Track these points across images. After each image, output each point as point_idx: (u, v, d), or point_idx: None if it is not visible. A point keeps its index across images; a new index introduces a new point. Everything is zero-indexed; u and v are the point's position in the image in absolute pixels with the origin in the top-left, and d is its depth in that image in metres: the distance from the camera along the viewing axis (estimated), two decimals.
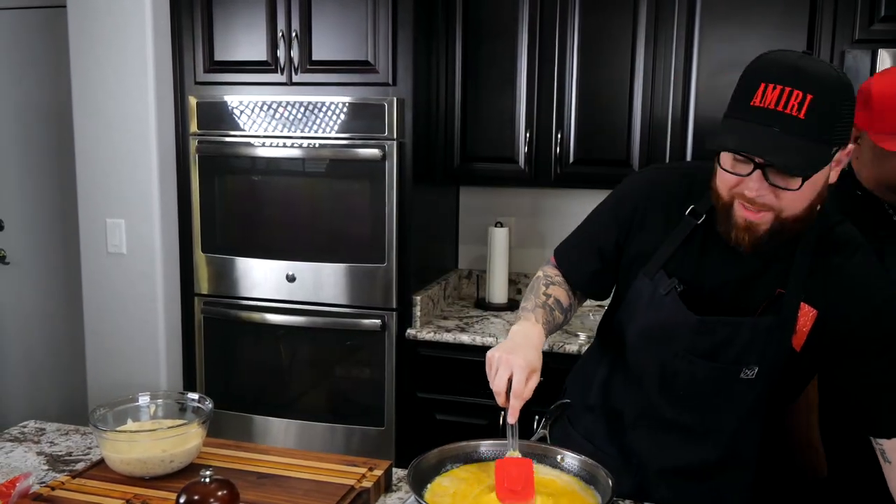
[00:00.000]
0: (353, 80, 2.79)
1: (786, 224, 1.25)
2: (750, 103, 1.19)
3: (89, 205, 3.00)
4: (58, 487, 1.46)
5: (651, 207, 1.46)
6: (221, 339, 3.05)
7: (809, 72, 1.17)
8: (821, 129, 1.17)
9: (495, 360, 1.33)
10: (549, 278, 1.58)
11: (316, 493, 1.43)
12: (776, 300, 1.34)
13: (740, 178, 1.23)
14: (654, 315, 1.42)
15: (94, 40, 2.89)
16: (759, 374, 1.37)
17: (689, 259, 1.41)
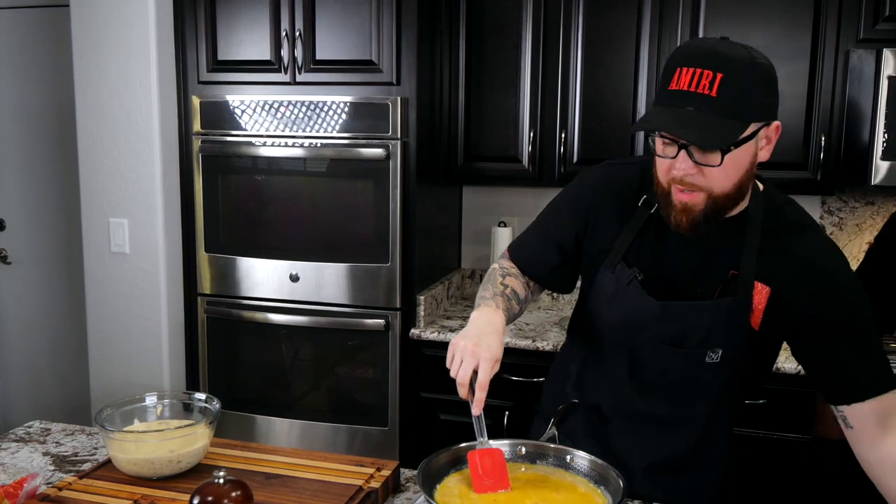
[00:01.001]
0: (356, 79, 2.79)
1: (718, 202, 1.31)
2: (668, 88, 1.27)
3: (92, 204, 2.99)
4: (65, 488, 1.46)
5: (607, 202, 1.52)
6: (224, 339, 3.05)
7: (721, 53, 1.24)
8: (733, 105, 1.23)
9: (459, 349, 1.33)
10: (506, 270, 1.61)
11: (324, 493, 1.43)
12: (731, 282, 1.40)
13: (672, 162, 1.30)
14: (619, 306, 1.47)
15: (97, 39, 2.88)
16: (724, 358, 1.41)
17: (646, 248, 1.46)
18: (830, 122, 2.63)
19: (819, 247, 1.40)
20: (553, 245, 1.59)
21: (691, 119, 1.23)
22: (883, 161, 2.50)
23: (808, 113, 2.65)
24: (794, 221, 1.42)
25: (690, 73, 1.23)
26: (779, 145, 2.66)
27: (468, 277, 3.37)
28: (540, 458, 1.39)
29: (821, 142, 2.64)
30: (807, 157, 2.67)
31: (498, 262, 1.65)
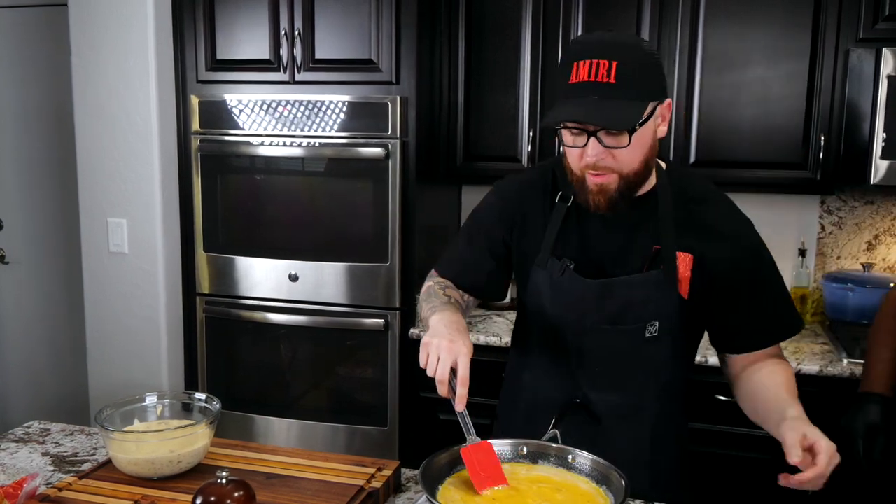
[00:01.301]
0: (355, 78, 2.78)
1: (629, 179, 1.41)
2: (568, 82, 1.35)
3: (91, 204, 2.99)
4: (65, 488, 1.45)
5: (528, 205, 1.59)
6: (223, 339, 3.04)
7: (613, 43, 1.34)
8: (632, 88, 1.32)
9: (434, 347, 1.33)
10: (442, 283, 1.64)
11: (325, 493, 1.42)
12: (655, 256, 1.48)
13: (582, 150, 1.38)
14: (559, 296, 1.54)
15: (96, 39, 2.88)
16: (661, 330, 1.50)
17: (571, 239, 1.54)
18: (830, 121, 2.63)
19: (726, 212, 1.53)
20: (484, 254, 1.64)
21: (597, 106, 1.32)
22: (882, 160, 2.50)
23: (808, 112, 2.65)
24: (701, 192, 1.54)
25: (588, 65, 1.32)
26: (778, 144, 2.69)
27: None
28: (542, 458, 1.39)
29: (820, 141, 2.64)
30: (806, 156, 2.67)
31: (430, 281, 1.66)
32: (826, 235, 3.01)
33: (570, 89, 1.34)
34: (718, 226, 1.50)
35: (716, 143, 2.75)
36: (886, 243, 2.95)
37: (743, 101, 2.70)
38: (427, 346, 1.34)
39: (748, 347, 1.55)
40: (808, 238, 3.01)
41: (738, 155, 2.73)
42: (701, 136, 2.76)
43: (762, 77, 2.68)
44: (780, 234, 3.05)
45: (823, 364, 2.45)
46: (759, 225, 3.02)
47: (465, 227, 1.69)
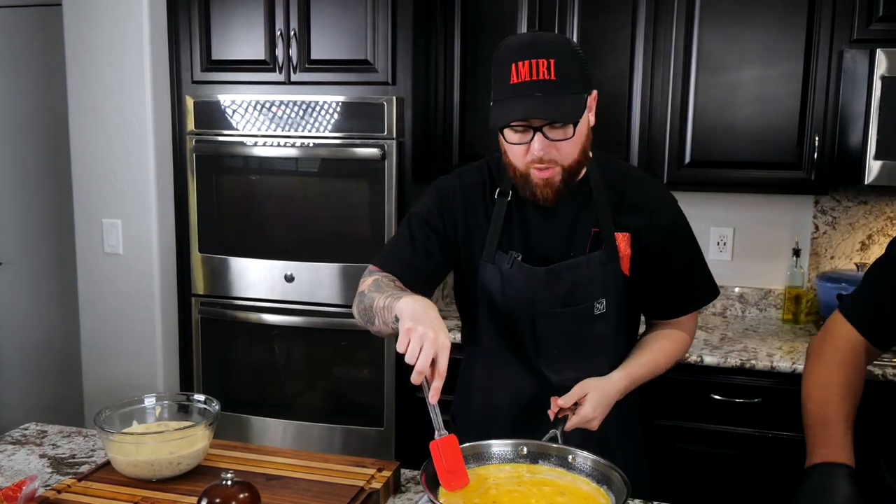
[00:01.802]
0: (351, 79, 2.78)
1: (572, 169, 1.50)
2: (509, 83, 1.41)
3: (85, 205, 2.98)
4: (64, 490, 1.45)
5: (469, 207, 1.64)
6: (219, 340, 3.04)
7: (547, 42, 1.42)
8: (571, 83, 1.41)
9: (418, 335, 1.29)
10: (388, 277, 1.60)
11: (326, 494, 1.42)
12: (596, 238, 1.58)
13: (527, 147, 1.44)
14: (510, 286, 1.59)
15: (91, 39, 2.87)
16: (608, 306, 1.60)
17: (514, 233, 1.60)
18: (824, 121, 2.64)
19: (651, 188, 1.65)
20: (427, 252, 1.64)
21: (545, 103, 1.38)
22: (876, 161, 2.51)
23: (802, 113, 2.66)
24: (625, 172, 1.66)
25: (528, 65, 1.39)
26: (773, 145, 2.71)
27: None
28: (542, 458, 1.39)
29: (814, 141, 2.65)
30: (801, 156, 2.68)
31: (373, 275, 1.61)
32: (820, 235, 3.02)
33: (511, 90, 1.41)
34: (647, 202, 1.61)
35: (711, 144, 2.76)
36: (880, 243, 2.96)
37: (738, 101, 2.72)
38: (411, 332, 1.30)
39: (675, 313, 1.68)
40: (802, 238, 3.02)
41: (733, 155, 2.74)
42: (696, 136, 2.76)
43: (757, 78, 2.69)
44: (774, 233, 3.07)
45: None
46: (753, 224, 3.07)
47: (406, 226, 1.68)
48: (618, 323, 1.64)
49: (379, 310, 1.47)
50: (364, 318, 1.57)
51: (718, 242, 3.09)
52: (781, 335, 2.83)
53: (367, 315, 1.54)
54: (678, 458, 2.58)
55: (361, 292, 1.59)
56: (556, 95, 1.39)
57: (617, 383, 1.53)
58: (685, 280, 1.67)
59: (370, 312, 1.51)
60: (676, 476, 2.56)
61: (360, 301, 1.57)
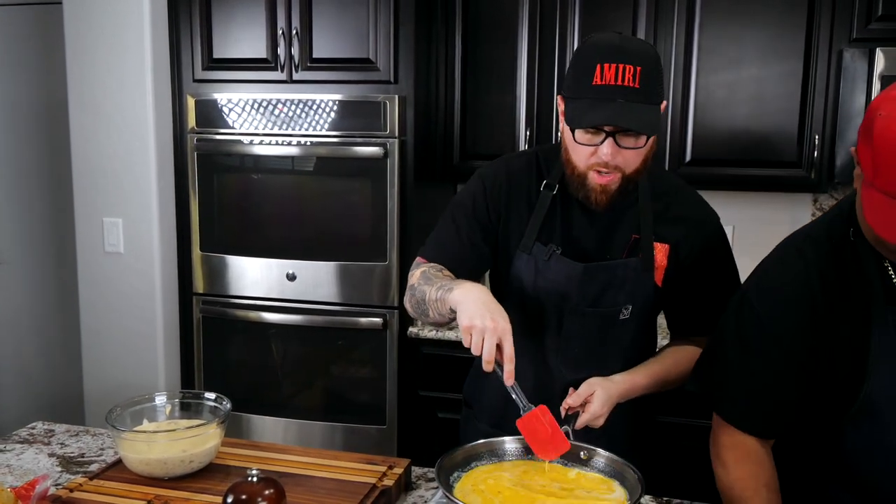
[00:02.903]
0: (353, 77, 2.78)
1: (630, 179, 1.49)
2: (592, 83, 1.39)
3: (86, 203, 2.97)
4: (76, 489, 1.45)
5: (514, 193, 1.63)
6: (220, 339, 3.03)
7: (633, 48, 1.40)
8: (652, 92, 1.40)
9: (478, 330, 1.33)
10: (435, 267, 1.60)
11: (339, 492, 1.43)
12: (634, 244, 1.57)
13: (594, 149, 1.44)
14: (544, 279, 1.59)
15: (91, 37, 2.86)
16: (633, 313, 1.60)
17: (556, 226, 1.60)
18: (824, 120, 2.66)
19: (696, 203, 1.64)
20: (473, 240, 1.64)
21: (626, 110, 1.37)
22: None
23: (802, 112, 2.68)
24: (673, 185, 1.65)
25: (614, 69, 1.37)
26: (772, 144, 2.72)
27: None
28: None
29: (814, 140, 2.67)
30: (800, 155, 2.70)
31: (422, 267, 1.61)
32: None
33: (594, 91, 1.39)
34: (691, 216, 1.61)
35: (711, 142, 2.78)
36: None
37: (738, 100, 2.73)
38: (469, 328, 1.34)
39: (701, 331, 1.63)
40: None
41: (733, 154, 2.76)
42: (696, 134, 2.78)
43: (757, 77, 2.70)
44: (773, 232, 3.05)
45: None
46: (752, 222, 3.08)
47: (451, 214, 1.67)
48: (638, 331, 1.64)
49: (432, 302, 1.49)
50: (417, 311, 1.56)
51: None
52: None
53: (420, 308, 1.54)
54: (680, 454, 2.59)
55: (412, 286, 1.58)
56: (637, 104, 1.38)
57: (618, 385, 1.53)
58: (716, 299, 1.59)
59: (423, 305, 1.53)
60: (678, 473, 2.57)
61: (412, 294, 1.57)
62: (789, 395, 1.33)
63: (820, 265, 1.28)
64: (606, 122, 1.39)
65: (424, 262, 1.64)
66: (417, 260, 1.67)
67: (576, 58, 1.45)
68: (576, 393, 1.50)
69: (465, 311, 1.36)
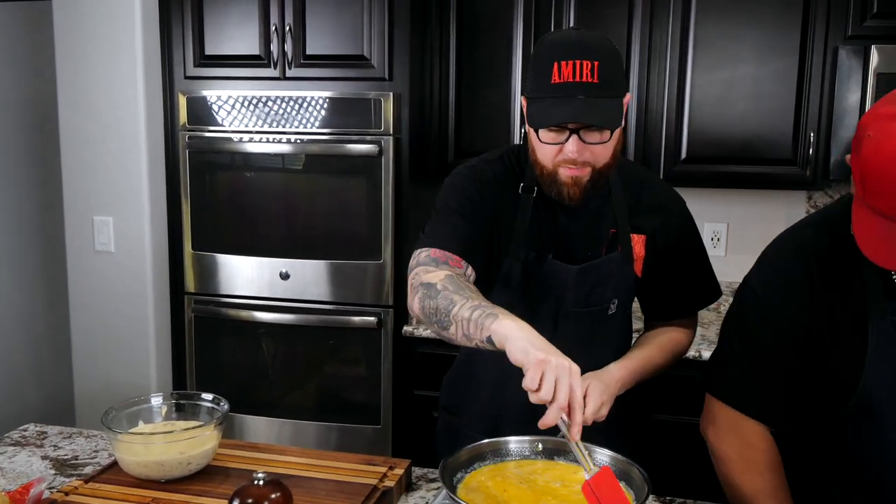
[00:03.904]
0: (347, 74, 2.76)
1: (602, 171, 1.49)
2: (551, 82, 1.38)
3: (76, 202, 2.94)
4: (71, 492, 1.42)
5: (499, 199, 1.59)
6: (212, 339, 3.00)
7: (589, 43, 1.39)
8: (612, 86, 1.39)
9: (553, 366, 1.16)
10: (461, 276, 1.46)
11: (339, 493, 1.41)
12: (613, 239, 1.59)
13: (561, 147, 1.43)
14: (537, 285, 1.58)
15: (81, 34, 2.82)
16: (618, 306, 1.62)
17: (542, 229, 1.59)
18: (819, 118, 2.66)
19: (665, 191, 1.66)
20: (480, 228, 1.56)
21: (587, 106, 1.37)
22: None
23: (797, 109, 2.68)
24: (640, 174, 1.68)
25: (571, 65, 1.37)
26: (768, 141, 2.72)
27: None
28: (559, 455, 1.39)
29: (809, 138, 2.67)
30: (795, 152, 2.70)
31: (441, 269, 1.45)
32: None
33: (553, 89, 1.38)
34: (663, 204, 1.63)
35: (706, 140, 2.77)
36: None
37: (733, 98, 2.73)
38: (545, 364, 1.16)
39: (680, 315, 1.70)
40: None
41: (729, 151, 2.76)
42: (692, 132, 2.77)
43: (752, 74, 2.70)
44: (768, 229, 3.04)
45: None
46: (747, 220, 3.08)
47: (444, 209, 1.57)
48: (623, 324, 1.68)
49: (463, 320, 1.30)
50: (431, 318, 1.37)
51: (713, 238, 3.11)
52: None
53: (437, 317, 1.36)
54: (677, 453, 2.58)
55: (431, 285, 1.39)
56: (598, 99, 1.38)
57: (614, 374, 1.51)
58: (690, 283, 1.67)
59: (445, 317, 1.34)
60: (676, 472, 2.56)
61: (430, 297, 1.38)
62: (785, 376, 1.33)
63: (819, 254, 1.29)
64: (567, 120, 1.39)
65: (439, 254, 1.48)
66: (429, 254, 1.49)
67: (534, 58, 1.44)
68: None
69: (531, 345, 1.19)
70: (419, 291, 1.42)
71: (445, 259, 1.48)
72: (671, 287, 1.67)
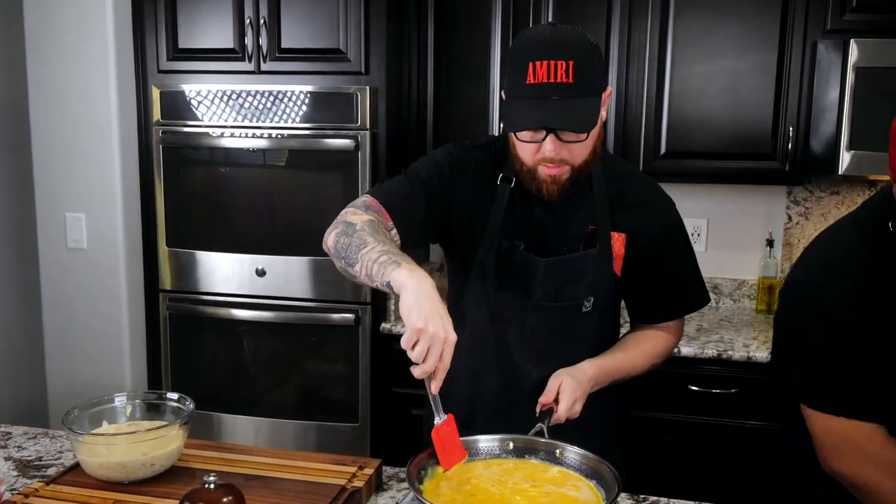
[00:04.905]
0: (323, 68, 2.72)
1: (582, 168, 1.48)
2: (526, 82, 1.36)
3: (47, 198, 2.89)
4: (31, 495, 1.39)
5: (477, 189, 1.58)
6: (188, 337, 2.96)
7: (565, 41, 1.36)
8: (588, 85, 1.37)
9: (428, 335, 1.22)
10: (383, 224, 1.49)
11: (307, 494, 1.38)
12: (591, 235, 1.56)
13: (538, 145, 1.42)
14: (506, 277, 1.57)
15: (52, 27, 2.77)
16: (595, 305, 1.58)
17: (516, 221, 1.57)
18: (798, 112, 2.65)
19: (652, 190, 1.63)
20: (422, 199, 1.56)
21: (560, 108, 1.35)
22: (848, 151, 2.52)
23: (776, 103, 2.67)
24: (627, 172, 1.65)
25: (546, 66, 1.34)
26: (747, 136, 2.71)
27: (437, 271, 3.33)
28: (529, 453, 1.37)
29: (788, 132, 2.66)
30: (775, 147, 2.69)
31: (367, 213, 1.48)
32: (793, 226, 3.04)
33: (527, 90, 1.36)
34: (646, 203, 1.59)
35: (686, 135, 2.75)
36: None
37: (712, 92, 2.71)
38: (421, 333, 1.22)
39: (663, 318, 1.67)
40: (775, 228, 3.03)
41: (708, 146, 2.74)
42: (671, 127, 2.76)
43: (731, 69, 2.69)
44: (748, 224, 3.08)
45: None
46: (727, 215, 3.07)
47: (416, 172, 1.59)
48: (601, 323, 1.63)
49: (368, 261, 1.35)
50: (340, 253, 1.43)
51: (693, 234, 3.09)
52: (756, 325, 2.83)
53: (346, 253, 1.41)
54: (656, 449, 2.57)
55: (351, 224, 1.44)
56: (572, 99, 1.35)
57: (587, 371, 1.50)
58: (675, 286, 1.64)
59: (354, 254, 1.38)
60: (654, 467, 2.55)
61: (346, 234, 1.42)
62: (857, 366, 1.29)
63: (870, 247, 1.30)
64: (539, 125, 1.38)
65: (373, 203, 1.52)
66: (367, 200, 1.53)
67: (510, 56, 1.42)
68: (546, 389, 1.47)
69: (417, 308, 1.23)
70: (339, 227, 1.48)
71: (378, 209, 1.51)
72: (654, 290, 1.64)
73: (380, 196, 1.54)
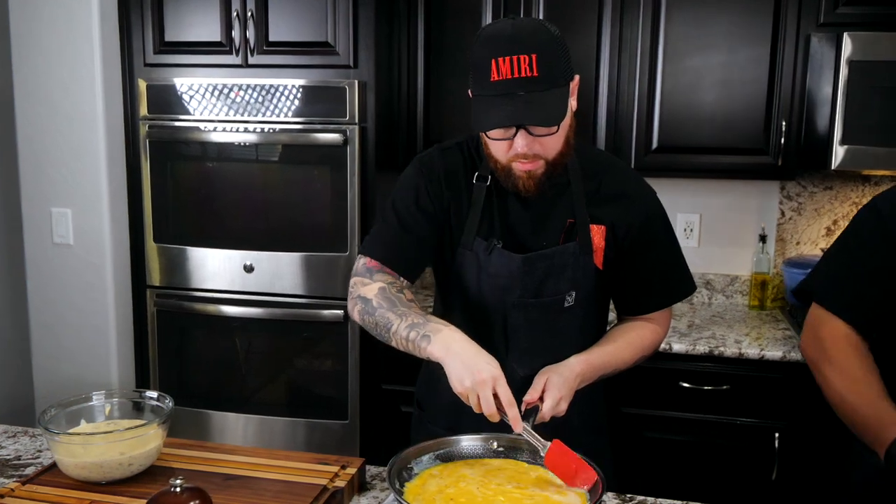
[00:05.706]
0: (312, 62, 2.69)
1: (555, 162, 1.47)
2: (490, 80, 1.35)
3: (33, 193, 2.85)
4: (7, 495, 1.36)
5: (453, 190, 1.57)
6: (175, 333, 2.94)
7: (525, 34, 1.34)
8: (554, 77, 1.35)
9: (470, 390, 1.30)
10: (395, 285, 1.54)
11: (287, 494, 1.35)
12: (570, 229, 1.55)
13: (509, 142, 1.41)
14: (486, 276, 1.56)
15: (36, 19, 2.74)
16: (578, 299, 1.57)
17: (494, 219, 1.56)
18: (791, 106, 2.63)
19: (631, 180, 1.62)
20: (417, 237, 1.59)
21: (527, 103, 1.34)
22: (841, 146, 2.50)
23: (769, 97, 2.64)
24: (605, 162, 1.63)
25: (508, 62, 1.33)
26: (740, 130, 2.68)
27: None
28: (513, 452, 1.34)
29: (781, 127, 2.63)
30: (767, 142, 2.66)
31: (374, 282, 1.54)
32: (786, 221, 3.02)
33: (492, 88, 1.35)
34: (626, 193, 1.58)
35: (678, 129, 2.73)
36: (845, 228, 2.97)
37: (705, 86, 2.69)
38: (466, 394, 1.31)
39: (650, 308, 1.65)
40: (768, 224, 3.01)
41: (700, 141, 2.72)
42: (663, 122, 2.73)
43: (724, 63, 2.66)
44: (740, 220, 3.05)
45: (786, 350, 2.45)
46: (719, 210, 3.05)
47: (392, 211, 1.60)
48: (586, 317, 1.61)
49: (401, 339, 1.44)
50: (372, 331, 1.51)
51: (685, 229, 3.07)
52: (748, 321, 2.82)
53: (377, 331, 1.49)
54: (647, 446, 2.55)
55: (367, 299, 1.51)
56: (538, 93, 1.34)
57: (573, 367, 1.48)
58: (660, 276, 1.63)
59: (385, 333, 1.47)
60: (645, 465, 2.54)
61: (368, 313, 1.50)
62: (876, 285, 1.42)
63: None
64: (508, 122, 1.37)
65: (374, 264, 1.56)
66: (365, 263, 1.57)
67: (472, 55, 1.40)
68: (531, 387, 1.44)
69: (454, 373, 1.32)
70: (358, 304, 1.53)
71: (380, 268, 1.56)
72: (637, 281, 1.62)
73: (375, 253, 1.58)
